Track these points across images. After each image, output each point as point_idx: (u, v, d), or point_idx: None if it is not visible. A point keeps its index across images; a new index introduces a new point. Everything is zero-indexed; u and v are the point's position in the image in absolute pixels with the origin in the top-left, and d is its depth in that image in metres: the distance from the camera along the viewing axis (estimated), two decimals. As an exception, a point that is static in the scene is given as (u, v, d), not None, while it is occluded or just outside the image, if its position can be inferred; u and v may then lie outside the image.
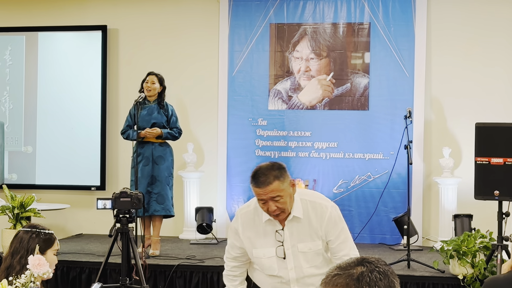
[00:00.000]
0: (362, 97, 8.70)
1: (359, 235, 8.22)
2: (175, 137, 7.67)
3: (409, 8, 8.56)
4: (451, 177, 8.24)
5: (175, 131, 7.65)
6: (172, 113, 7.68)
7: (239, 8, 8.95)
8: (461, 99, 8.52)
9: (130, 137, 7.60)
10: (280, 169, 3.85)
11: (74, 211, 9.15)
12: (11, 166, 9.38)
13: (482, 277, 6.22)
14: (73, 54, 9.41)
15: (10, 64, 9.48)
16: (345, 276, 1.98)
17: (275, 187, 3.79)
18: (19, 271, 3.59)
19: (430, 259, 7.05)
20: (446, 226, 7.94)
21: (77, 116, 9.31)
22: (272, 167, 3.84)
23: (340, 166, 8.71)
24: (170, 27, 9.19)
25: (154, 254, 7.44)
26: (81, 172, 9.27)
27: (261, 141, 8.89)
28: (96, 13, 9.35)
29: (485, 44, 8.50)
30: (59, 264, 4.32)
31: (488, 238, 6.41)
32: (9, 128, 9.38)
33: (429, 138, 8.59)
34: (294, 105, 8.83)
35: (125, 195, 6.02)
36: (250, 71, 8.93)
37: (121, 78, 9.31)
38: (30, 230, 3.81)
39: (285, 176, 3.84)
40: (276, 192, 3.79)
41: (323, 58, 8.81)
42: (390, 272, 2.02)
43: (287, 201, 3.84)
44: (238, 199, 8.88)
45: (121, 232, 6.00)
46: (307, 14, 8.82)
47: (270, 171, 3.81)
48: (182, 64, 9.11)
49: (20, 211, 7.54)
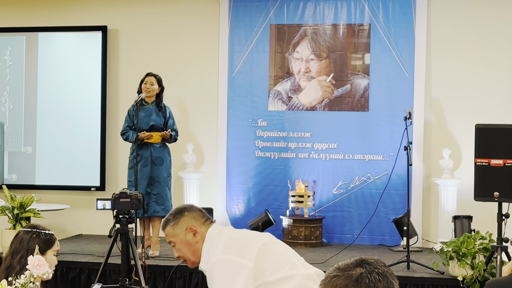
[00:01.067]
0: (362, 98, 8.70)
1: (359, 236, 8.22)
2: (175, 139, 7.68)
3: (409, 10, 8.56)
4: (451, 178, 8.25)
5: (173, 134, 7.66)
6: (169, 115, 7.68)
7: (239, 9, 8.95)
8: (461, 101, 8.53)
9: (129, 139, 7.60)
10: (178, 213, 3.63)
11: (74, 211, 9.15)
12: (11, 167, 9.38)
13: (482, 278, 6.22)
14: (73, 55, 9.41)
15: (10, 64, 9.48)
16: (344, 277, 1.98)
17: (167, 232, 3.61)
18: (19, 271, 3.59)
19: (430, 260, 7.05)
20: (446, 227, 7.94)
21: (77, 116, 9.31)
22: (174, 210, 3.67)
23: (340, 167, 8.71)
24: (170, 28, 9.19)
25: (153, 254, 7.44)
26: (81, 172, 9.27)
27: (261, 142, 8.89)
28: (96, 13, 9.35)
29: (485, 45, 8.50)
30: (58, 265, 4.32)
31: (487, 240, 6.41)
32: (9, 129, 9.38)
33: (429, 140, 8.59)
34: (294, 106, 8.84)
35: (124, 196, 6.03)
36: (250, 72, 8.93)
37: (121, 79, 9.31)
38: (30, 230, 3.80)
39: (179, 222, 3.59)
40: (168, 238, 3.61)
41: (323, 59, 8.81)
42: (389, 273, 2.02)
43: (181, 248, 3.60)
44: (238, 200, 8.88)
45: (121, 232, 6.00)
46: (307, 15, 8.82)
47: (169, 215, 3.65)
48: (182, 65, 9.11)
49: (20, 212, 7.54)
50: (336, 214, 8.68)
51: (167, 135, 7.52)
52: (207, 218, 3.66)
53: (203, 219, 3.64)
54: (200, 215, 3.65)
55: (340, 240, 8.58)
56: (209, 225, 3.63)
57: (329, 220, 8.60)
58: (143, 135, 7.45)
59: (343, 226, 8.68)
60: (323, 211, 8.66)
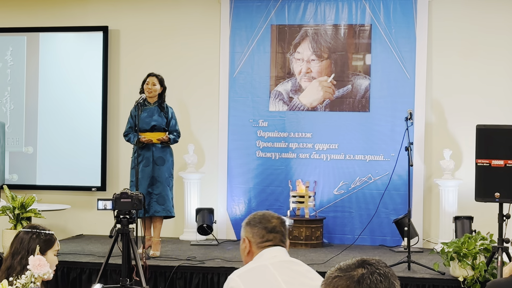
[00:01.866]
0: (363, 99, 8.70)
1: (360, 237, 8.22)
2: (176, 141, 7.68)
3: (410, 10, 8.56)
4: (452, 179, 8.24)
5: (175, 135, 7.65)
6: (172, 116, 7.68)
7: (240, 9, 8.95)
8: (462, 101, 8.52)
9: (131, 141, 7.60)
10: (246, 222, 3.47)
11: (75, 211, 9.15)
12: (11, 167, 9.38)
13: (483, 279, 6.22)
14: (74, 55, 9.41)
15: (11, 64, 9.48)
16: (346, 278, 1.98)
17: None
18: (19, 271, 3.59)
19: (431, 261, 7.05)
20: (447, 228, 7.94)
21: (78, 116, 9.32)
22: (250, 215, 3.51)
23: (341, 168, 8.71)
24: (171, 28, 9.19)
25: (154, 255, 7.43)
26: (82, 172, 9.27)
27: (262, 142, 8.89)
28: (97, 14, 9.35)
29: (486, 46, 8.50)
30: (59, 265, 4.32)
31: (488, 240, 6.41)
32: (10, 129, 9.38)
33: (429, 140, 8.59)
34: (295, 107, 8.84)
35: (125, 196, 6.03)
36: (251, 72, 8.93)
37: (122, 79, 9.31)
38: (30, 230, 3.80)
39: (243, 227, 3.46)
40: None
41: (324, 59, 8.81)
42: (391, 274, 2.02)
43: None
44: (239, 200, 8.88)
45: (122, 233, 6.01)
46: (308, 15, 8.82)
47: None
48: (183, 65, 9.11)
49: (20, 212, 7.54)
50: (337, 214, 8.68)
51: (165, 139, 7.54)
52: (266, 240, 3.38)
53: (261, 240, 3.40)
54: (260, 234, 3.40)
55: (341, 240, 8.58)
56: (263, 248, 3.38)
57: (330, 221, 8.60)
58: (143, 140, 7.45)
59: (344, 226, 8.68)
60: (324, 211, 8.66)
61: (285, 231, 3.42)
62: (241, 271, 3.28)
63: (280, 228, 3.40)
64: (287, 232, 3.46)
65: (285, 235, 3.42)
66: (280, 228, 3.40)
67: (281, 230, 3.40)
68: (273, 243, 3.37)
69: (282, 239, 3.39)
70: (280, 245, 3.38)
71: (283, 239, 3.40)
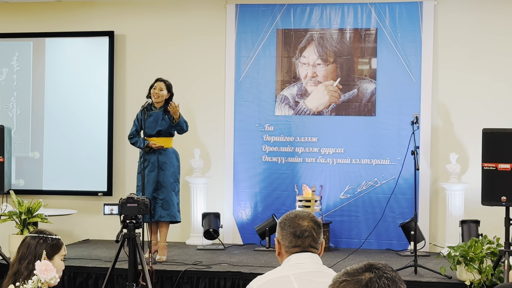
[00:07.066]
0: (369, 103, 8.69)
1: (366, 241, 8.21)
2: (183, 129, 7.62)
3: (416, 14, 8.55)
4: (458, 182, 8.23)
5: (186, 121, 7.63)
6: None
7: (246, 14, 8.96)
8: (468, 105, 8.51)
9: (137, 145, 7.61)
10: (279, 222, 3.42)
11: (81, 216, 9.16)
12: (18, 172, 9.39)
13: (489, 283, 6.21)
14: (80, 60, 9.43)
15: (17, 70, 9.50)
16: (354, 282, 1.98)
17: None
18: (26, 276, 3.60)
19: (437, 265, 7.03)
20: (453, 232, 7.92)
21: (84, 121, 9.33)
22: (283, 216, 3.43)
23: (347, 172, 8.70)
24: (177, 33, 9.20)
25: (161, 259, 7.44)
26: (88, 177, 9.28)
27: (268, 146, 8.89)
28: (103, 19, 9.37)
29: (492, 50, 8.49)
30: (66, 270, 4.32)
31: (495, 244, 6.40)
32: (16, 134, 9.39)
33: (436, 144, 8.58)
34: (301, 111, 8.83)
35: (132, 201, 6.04)
36: (257, 77, 8.93)
37: (128, 84, 9.32)
38: (37, 235, 3.81)
39: (277, 226, 3.41)
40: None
41: (330, 63, 8.81)
42: (398, 278, 2.02)
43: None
44: (245, 204, 8.88)
45: (128, 237, 6.01)
46: (314, 19, 8.82)
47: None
48: (189, 70, 9.12)
49: (27, 217, 7.56)
50: (343, 218, 8.67)
51: (176, 112, 7.45)
52: (294, 246, 3.27)
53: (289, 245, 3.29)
54: (289, 239, 3.30)
55: (347, 244, 8.57)
56: (291, 253, 3.28)
57: (336, 225, 8.59)
58: (153, 146, 7.46)
59: (350, 230, 8.67)
60: (330, 215, 8.65)
61: (317, 233, 3.28)
62: (261, 282, 3.19)
63: (311, 231, 3.26)
64: (321, 232, 3.32)
65: (317, 238, 3.28)
66: (311, 231, 3.26)
67: (312, 233, 3.26)
68: (301, 249, 3.26)
69: (312, 243, 3.26)
70: (310, 250, 3.25)
71: (313, 243, 3.26)
